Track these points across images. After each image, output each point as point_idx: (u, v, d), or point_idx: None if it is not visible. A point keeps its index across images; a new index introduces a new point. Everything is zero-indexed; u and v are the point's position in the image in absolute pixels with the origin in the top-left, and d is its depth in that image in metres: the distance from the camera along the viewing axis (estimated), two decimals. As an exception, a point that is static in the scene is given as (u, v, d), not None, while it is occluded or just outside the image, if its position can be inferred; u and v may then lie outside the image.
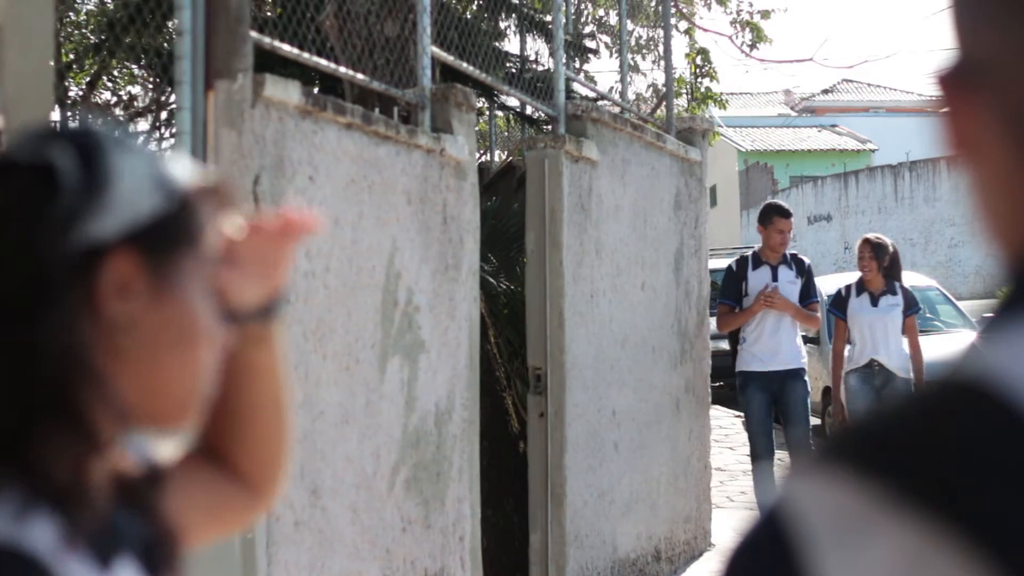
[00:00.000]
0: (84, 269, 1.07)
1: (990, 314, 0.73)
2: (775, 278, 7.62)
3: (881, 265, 7.77)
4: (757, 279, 7.65)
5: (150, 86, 6.36)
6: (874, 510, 0.64)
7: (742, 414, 7.62)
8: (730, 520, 8.42)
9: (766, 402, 7.57)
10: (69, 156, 1.09)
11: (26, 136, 1.12)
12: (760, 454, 7.63)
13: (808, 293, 7.69)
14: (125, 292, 1.08)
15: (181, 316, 1.12)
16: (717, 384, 9.15)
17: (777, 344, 7.58)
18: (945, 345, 10.39)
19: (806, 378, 7.70)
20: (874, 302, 7.81)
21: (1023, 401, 0.65)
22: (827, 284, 12.95)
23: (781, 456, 7.95)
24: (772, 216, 7.67)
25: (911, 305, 7.88)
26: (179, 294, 1.12)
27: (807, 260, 7.86)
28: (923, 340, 7.99)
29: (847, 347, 8.05)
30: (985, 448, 0.64)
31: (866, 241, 7.93)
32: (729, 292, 7.74)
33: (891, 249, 7.86)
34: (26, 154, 1.09)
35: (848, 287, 7.98)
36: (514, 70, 8.23)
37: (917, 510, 0.63)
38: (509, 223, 7.55)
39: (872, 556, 0.63)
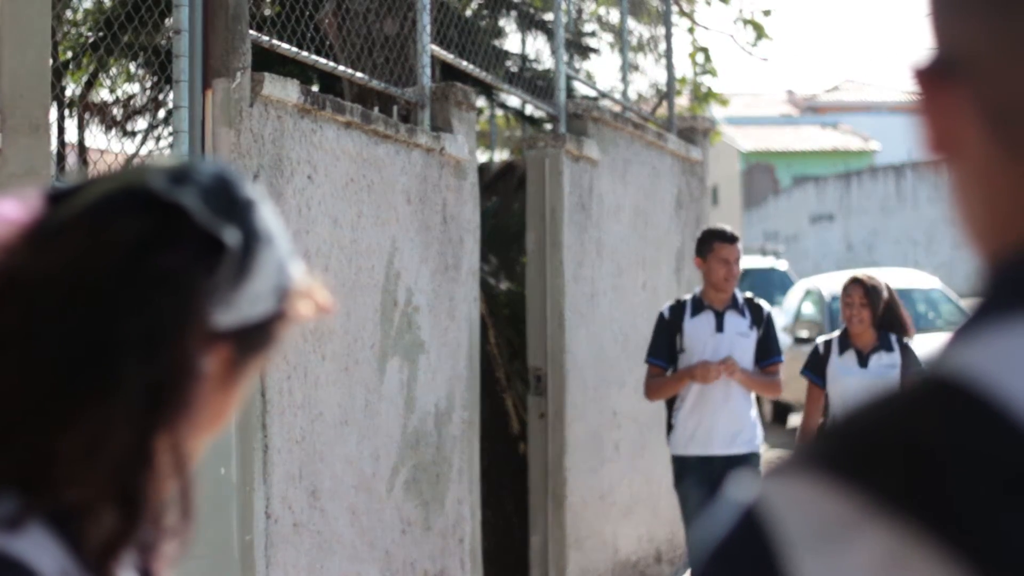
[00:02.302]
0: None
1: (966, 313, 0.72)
2: (720, 328, 5.72)
3: (875, 315, 5.71)
4: (696, 330, 5.72)
5: (148, 85, 6.34)
6: (852, 514, 0.63)
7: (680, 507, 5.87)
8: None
9: (710, 496, 5.66)
10: (236, 239, 1.05)
11: (197, 177, 1.06)
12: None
13: (767, 350, 5.80)
14: (206, 382, 1.06)
15: (229, 404, 1.11)
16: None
17: (721, 419, 5.70)
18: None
19: (760, 468, 5.73)
20: (863, 362, 5.76)
21: (1000, 400, 0.64)
22: (828, 284, 12.95)
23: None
24: (712, 243, 5.72)
25: (912, 365, 5.78)
26: (238, 386, 1.11)
27: (767, 307, 5.91)
28: (924, 338, 6.48)
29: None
30: (962, 449, 0.63)
31: (856, 282, 5.80)
32: (658, 349, 5.79)
33: (886, 294, 5.79)
34: (198, 211, 1.03)
35: (828, 343, 5.87)
36: (514, 69, 8.21)
37: (894, 514, 0.62)
38: (509, 223, 7.53)
39: (850, 560, 0.63)
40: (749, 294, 5.97)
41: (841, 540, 0.64)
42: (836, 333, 5.89)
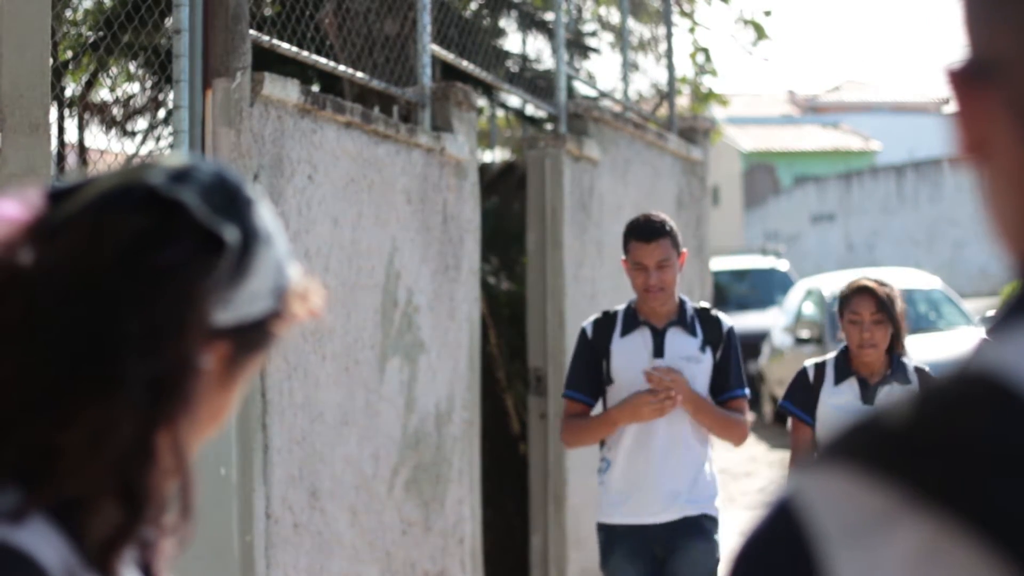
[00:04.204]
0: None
1: (994, 311, 0.72)
2: (660, 352, 4.20)
3: (898, 332, 4.25)
4: (626, 354, 4.21)
5: (148, 85, 6.34)
6: (888, 508, 0.64)
7: None
8: (732, 520, 8.39)
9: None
10: (236, 237, 1.05)
11: (197, 175, 1.07)
12: None
13: (725, 380, 4.25)
14: (205, 379, 1.06)
15: (227, 402, 1.12)
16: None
17: (664, 473, 4.17)
18: (947, 343, 10.38)
19: (716, 536, 4.24)
20: (867, 397, 4.23)
21: None
22: (829, 284, 12.92)
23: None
24: (628, 241, 4.19)
25: None
26: (236, 384, 1.11)
27: (727, 321, 4.33)
28: (925, 338, 5.72)
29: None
30: (998, 444, 0.63)
31: (865, 292, 4.27)
32: (577, 378, 4.29)
33: (901, 303, 4.35)
34: (198, 208, 1.04)
35: (820, 367, 4.31)
36: (515, 69, 8.20)
37: (931, 507, 0.63)
38: (509, 223, 7.52)
39: (886, 553, 0.63)
40: (705, 304, 4.44)
41: (878, 534, 0.64)
42: (831, 355, 4.39)
